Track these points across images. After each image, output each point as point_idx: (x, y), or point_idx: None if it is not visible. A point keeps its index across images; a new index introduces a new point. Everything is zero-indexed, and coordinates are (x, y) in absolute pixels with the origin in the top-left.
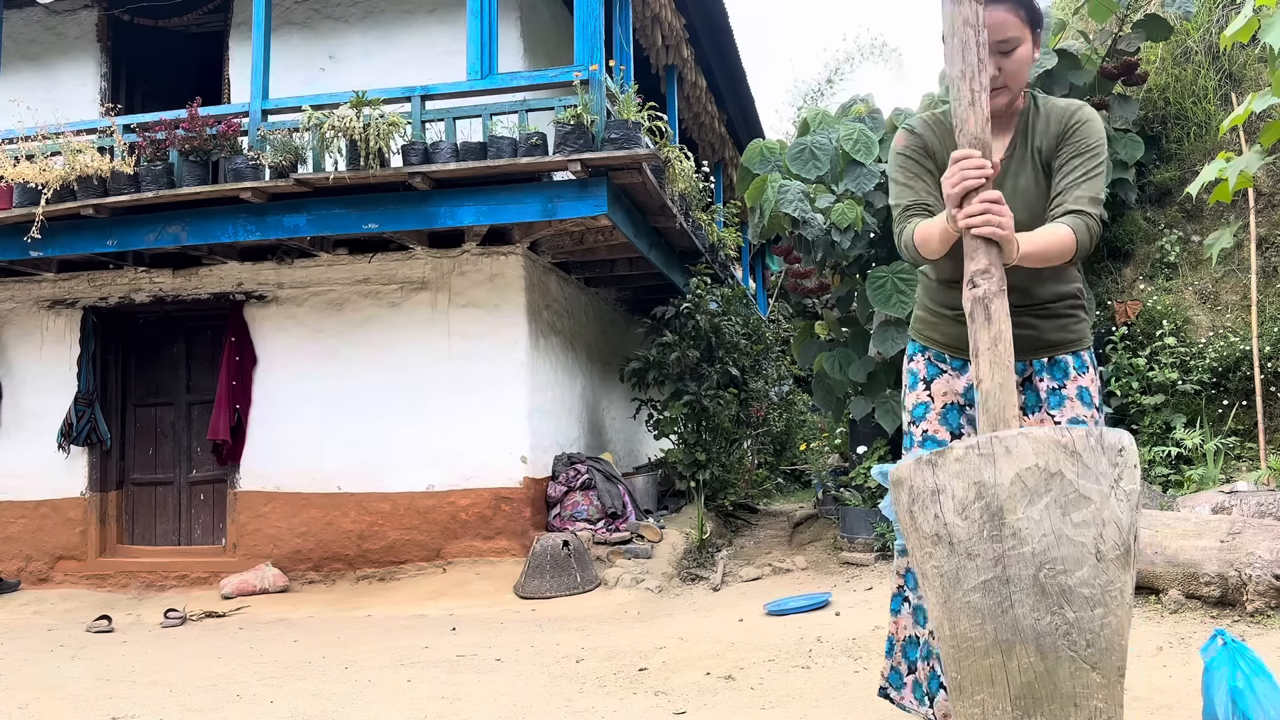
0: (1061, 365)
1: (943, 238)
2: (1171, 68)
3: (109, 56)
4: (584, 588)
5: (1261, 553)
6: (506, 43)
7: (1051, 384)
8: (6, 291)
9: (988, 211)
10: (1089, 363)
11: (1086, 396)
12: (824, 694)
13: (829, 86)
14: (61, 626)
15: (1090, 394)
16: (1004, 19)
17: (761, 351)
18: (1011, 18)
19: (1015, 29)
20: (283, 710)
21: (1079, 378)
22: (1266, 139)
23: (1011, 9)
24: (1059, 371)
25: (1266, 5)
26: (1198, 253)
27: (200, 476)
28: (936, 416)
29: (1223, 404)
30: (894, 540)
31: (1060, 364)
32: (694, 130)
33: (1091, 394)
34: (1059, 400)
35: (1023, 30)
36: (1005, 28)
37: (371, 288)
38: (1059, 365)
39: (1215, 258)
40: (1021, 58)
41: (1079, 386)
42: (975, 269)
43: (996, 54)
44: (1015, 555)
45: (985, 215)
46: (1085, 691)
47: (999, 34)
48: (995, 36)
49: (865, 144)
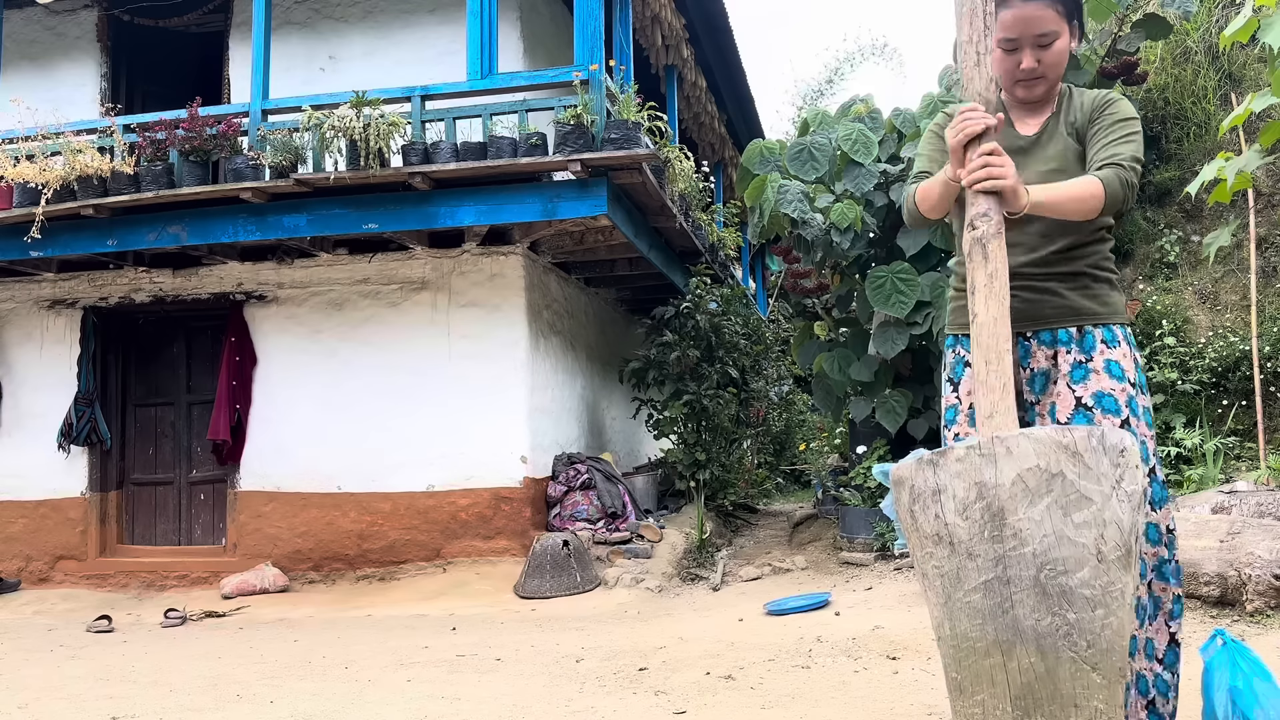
0: (1090, 338)
1: (944, 192)
2: (1171, 68)
3: (109, 56)
4: (584, 587)
5: (1261, 553)
6: (506, 43)
7: (1079, 356)
8: (6, 291)
9: (987, 165)
10: (1122, 338)
11: (1117, 370)
12: (824, 694)
13: (829, 87)
14: (62, 626)
15: (1122, 368)
16: (1041, 13)
17: (761, 351)
18: (1049, 12)
19: (1053, 22)
20: (283, 710)
21: (1108, 350)
22: (1266, 139)
23: (1049, 3)
24: (1088, 343)
25: (1266, 5)
26: (1197, 253)
27: (200, 476)
28: (965, 419)
29: (1222, 404)
30: (894, 540)
31: (1089, 337)
32: (694, 130)
33: (1124, 369)
34: (1083, 374)
35: (1060, 24)
36: (1043, 21)
37: (371, 288)
38: (1087, 338)
39: (1213, 257)
40: (1059, 50)
41: (1107, 359)
42: (975, 213)
43: (1035, 47)
44: (1016, 556)
45: (985, 168)
46: (1086, 692)
47: (1037, 27)
48: (1034, 30)
49: (864, 144)
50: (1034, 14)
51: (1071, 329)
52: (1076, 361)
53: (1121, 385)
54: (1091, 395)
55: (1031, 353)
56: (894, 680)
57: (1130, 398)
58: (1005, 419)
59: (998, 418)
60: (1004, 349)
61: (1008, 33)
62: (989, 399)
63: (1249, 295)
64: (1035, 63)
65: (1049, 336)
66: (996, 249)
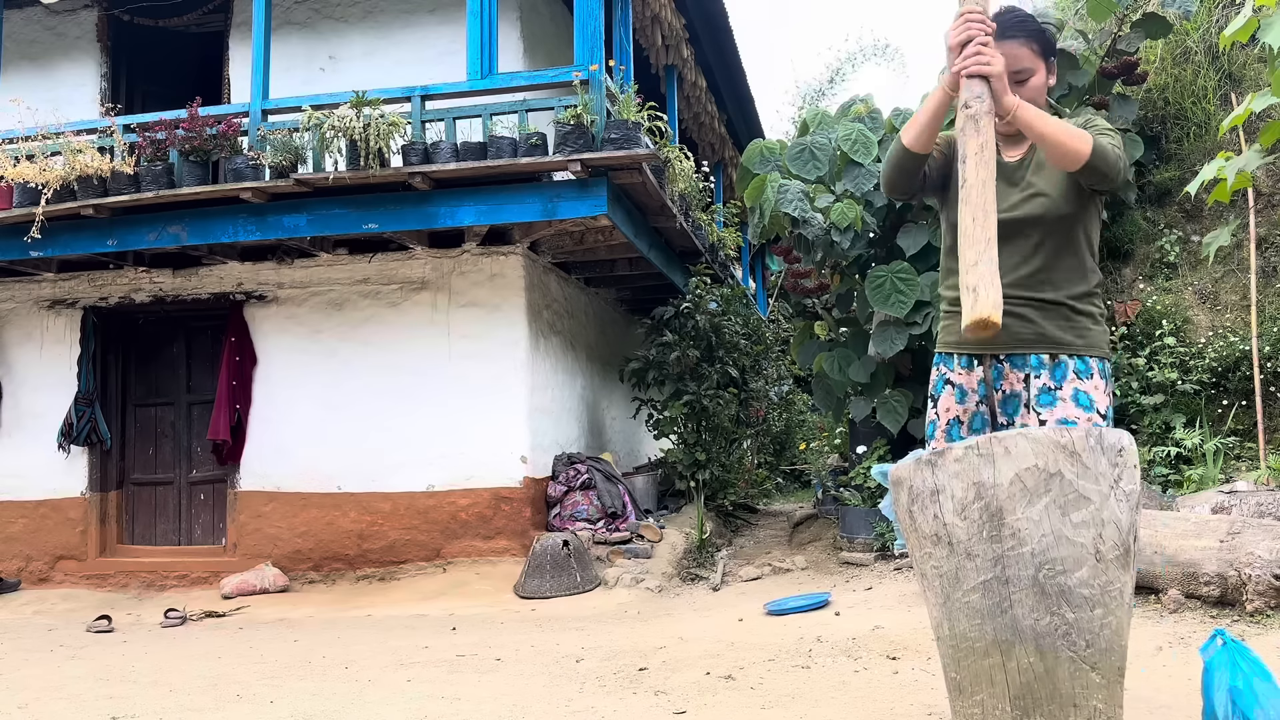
0: (1062, 367)
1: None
2: (1171, 68)
3: (109, 56)
4: (584, 587)
5: (1261, 552)
6: (506, 43)
7: (1048, 383)
8: (7, 291)
9: (979, 52)
10: (1096, 370)
11: (1085, 400)
12: (824, 694)
13: (830, 87)
14: (62, 626)
15: (1091, 399)
16: (1017, 51)
17: (761, 351)
18: (1025, 50)
19: (1029, 60)
20: (283, 710)
21: (1079, 381)
22: (1266, 139)
23: (1024, 42)
24: (1059, 372)
25: (1266, 5)
26: (1197, 253)
27: (200, 476)
28: (943, 434)
29: (1222, 404)
30: (894, 540)
31: (1061, 366)
32: (694, 130)
33: (1093, 399)
34: (1049, 400)
35: (1036, 61)
36: (1019, 59)
37: (371, 288)
38: (1059, 367)
39: (1212, 257)
40: (1035, 86)
41: (1075, 389)
42: (969, 94)
43: (1013, 84)
44: (1014, 555)
45: (975, 56)
46: (1085, 691)
47: (1013, 65)
48: (1010, 67)
49: (864, 144)
50: (1011, 52)
51: (1044, 355)
52: (1045, 387)
53: (1088, 415)
54: (1055, 421)
55: (1004, 375)
56: (894, 680)
57: (1095, 425)
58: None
59: (981, 266)
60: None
61: None
62: (974, 250)
63: (1249, 295)
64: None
65: (1020, 361)
66: (987, 124)
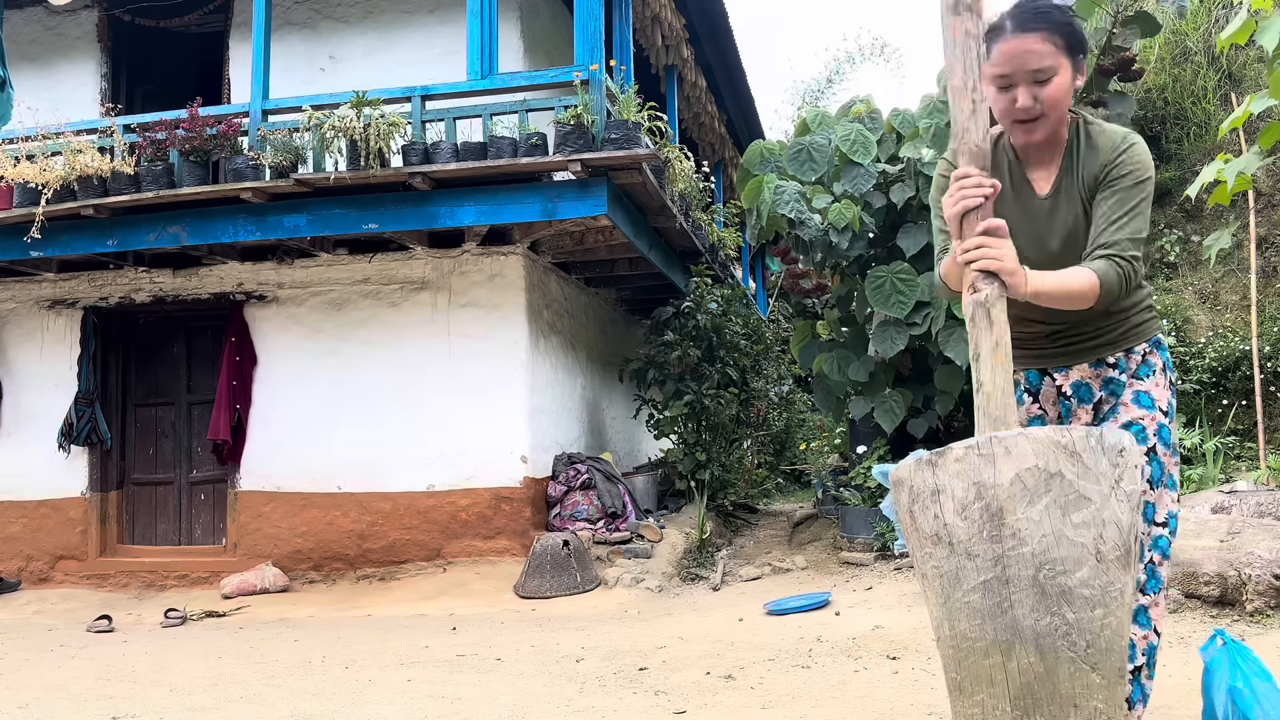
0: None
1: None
2: (1171, 67)
3: (109, 56)
4: (584, 587)
5: (1261, 552)
6: (506, 43)
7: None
8: (7, 291)
9: (982, 245)
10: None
11: (1146, 400)
12: (824, 694)
13: (829, 87)
14: (62, 626)
15: (1152, 399)
16: (1038, 46)
17: (761, 351)
18: (1046, 45)
19: (1050, 57)
20: (283, 710)
21: (1139, 382)
22: (1265, 140)
23: (1044, 36)
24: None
25: (1263, 8)
26: (1197, 253)
27: (200, 476)
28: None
29: (1222, 404)
30: (894, 540)
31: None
32: (694, 130)
33: (1154, 399)
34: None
35: (1059, 58)
36: (1040, 55)
37: (372, 288)
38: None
39: (1213, 258)
40: (1059, 87)
41: (1136, 391)
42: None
43: (1032, 84)
44: (1015, 556)
45: (980, 249)
46: (1085, 692)
47: (1033, 62)
48: (1029, 65)
49: (863, 144)
50: (1029, 47)
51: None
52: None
53: (1150, 414)
54: (1120, 426)
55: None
56: (894, 680)
57: (1160, 425)
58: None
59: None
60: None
61: (1001, 68)
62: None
63: (1249, 295)
64: (1032, 101)
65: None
66: (999, 311)
